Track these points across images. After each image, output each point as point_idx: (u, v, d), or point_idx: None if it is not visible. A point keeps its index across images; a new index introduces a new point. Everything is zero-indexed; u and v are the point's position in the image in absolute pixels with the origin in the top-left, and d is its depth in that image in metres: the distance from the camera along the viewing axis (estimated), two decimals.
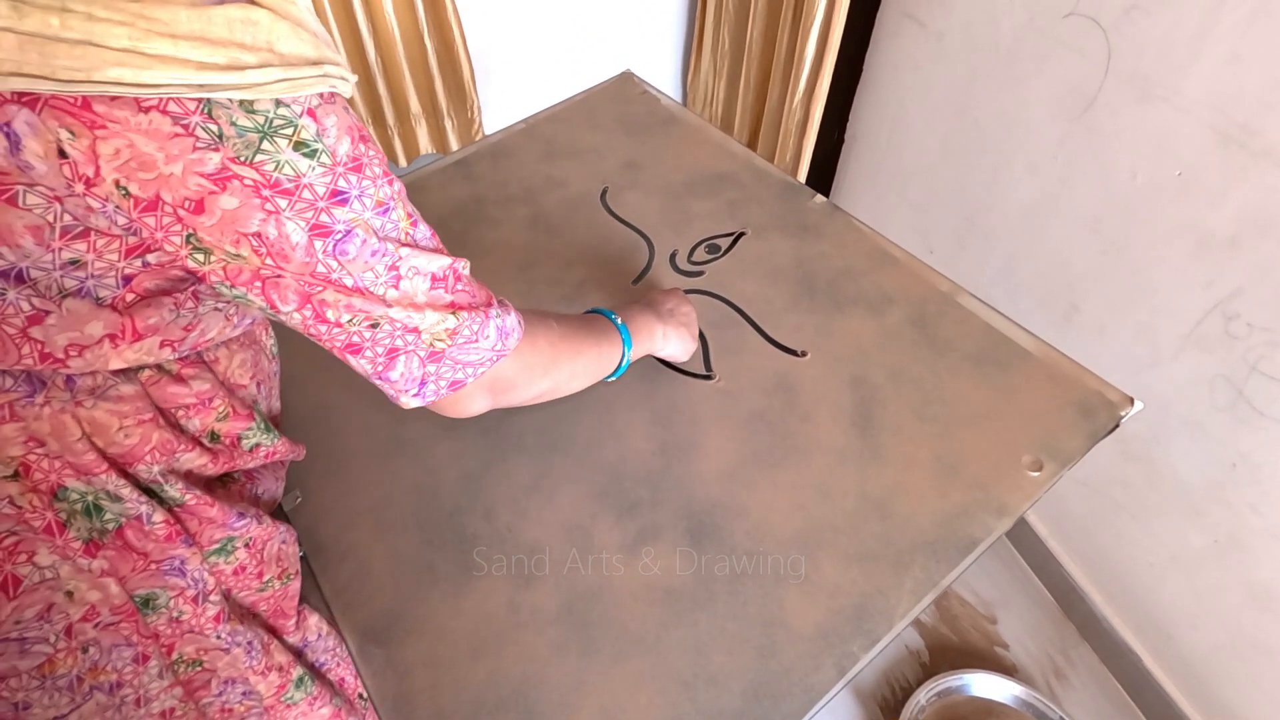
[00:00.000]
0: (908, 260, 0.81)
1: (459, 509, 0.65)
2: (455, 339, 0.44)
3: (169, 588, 0.46)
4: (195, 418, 0.47)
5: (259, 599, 0.52)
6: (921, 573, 0.59)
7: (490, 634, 0.58)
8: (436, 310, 0.43)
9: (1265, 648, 0.94)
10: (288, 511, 0.66)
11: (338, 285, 0.39)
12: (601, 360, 0.60)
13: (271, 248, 0.37)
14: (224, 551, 0.49)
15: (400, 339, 0.42)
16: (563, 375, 0.55)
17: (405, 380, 0.44)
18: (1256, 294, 0.84)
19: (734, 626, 0.57)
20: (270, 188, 0.35)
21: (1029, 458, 0.64)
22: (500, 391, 0.50)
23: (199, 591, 0.47)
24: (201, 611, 0.47)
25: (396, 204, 0.41)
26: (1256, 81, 0.79)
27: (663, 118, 1.03)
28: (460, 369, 0.46)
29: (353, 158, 0.38)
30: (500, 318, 0.47)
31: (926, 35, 1.25)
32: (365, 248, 0.39)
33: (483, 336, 0.46)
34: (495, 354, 0.47)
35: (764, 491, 0.64)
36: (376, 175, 0.39)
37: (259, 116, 0.34)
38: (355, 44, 1.63)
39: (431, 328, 0.43)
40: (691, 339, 0.70)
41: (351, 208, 0.38)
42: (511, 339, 0.48)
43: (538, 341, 0.52)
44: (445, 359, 0.44)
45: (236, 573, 0.50)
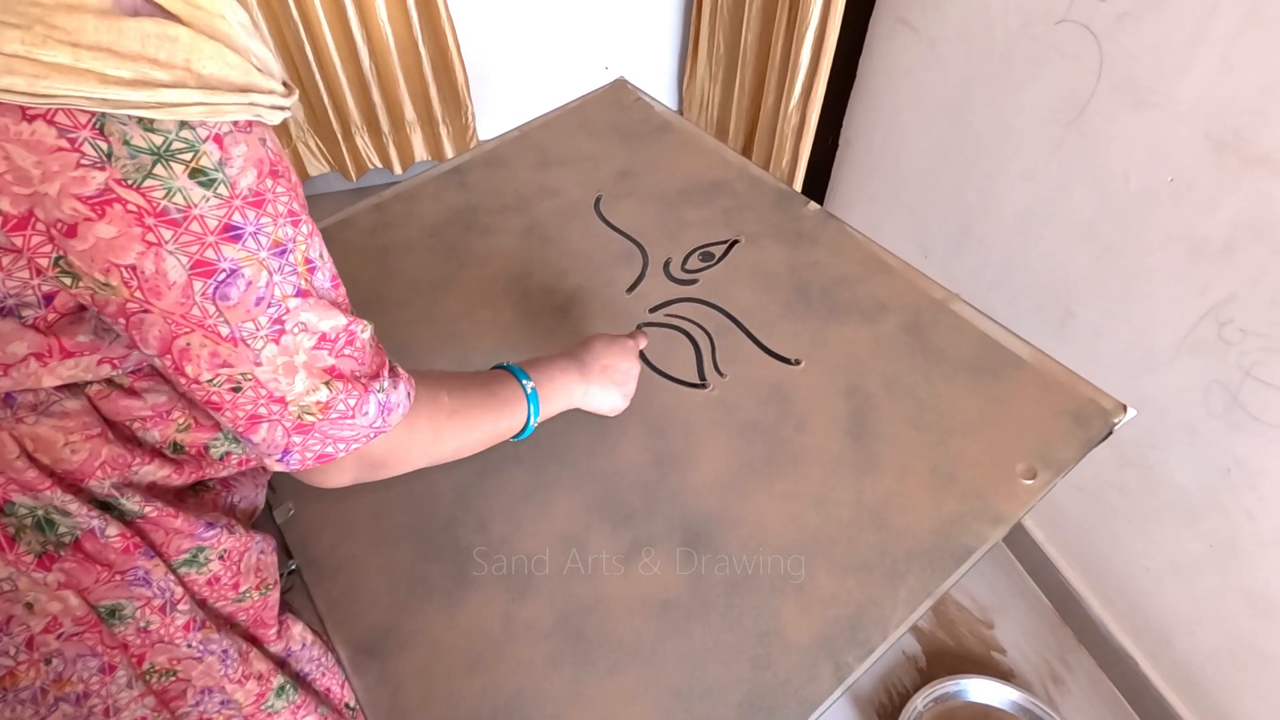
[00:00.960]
0: (902, 268, 0.81)
1: (453, 520, 0.65)
2: (328, 413, 0.41)
3: (135, 598, 0.45)
4: (154, 429, 0.47)
5: (237, 609, 0.52)
6: (916, 582, 0.59)
7: (485, 647, 0.58)
8: (311, 376, 0.39)
9: (1263, 654, 0.94)
10: (280, 524, 0.66)
11: (209, 331, 0.36)
12: (498, 430, 0.55)
13: (144, 283, 0.34)
14: (195, 562, 0.48)
15: (264, 407, 0.39)
16: (444, 452, 0.51)
17: (269, 445, 0.41)
18: (1250, 300, 0.84)
19: (729, 637, 0.57)
20: (155, 216, 0.32)
21: (1023, 466, 0.64)
22: (370, 468, 0.47)
23: (166, 600, 0.46)
24: (170, 620, 0.46)
25: (296, 247, 0.38)
26: (1249, 88, 0.79)
27: (657, 125, 1.03)
28: (331, 443, 0.42)
29: (255, 192, 0.35)
30: (385, 393, 0.43)
31: (920, 40, 1.25)
32: (250, 293, 0.36)
33: (360, 413, 0.42)
34: (374, 431, 0.43)
35: (759, 501, 0.64)
36: (279, 214, 0.36)
37: (157, 137, 0.32)
38: (350, 51, 1.63)
39: (300, 399, 0.39)
40: (622, 398, 0.65)
41: (244, 245, 0.35)
42: (394, 415, 0.44)
43: (418, 422, 0.47)
44: (314, 432, 0.41)
45: (210, 583, 0.50)
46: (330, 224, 0.92)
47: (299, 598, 0.63)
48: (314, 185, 1.93)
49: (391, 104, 1.75)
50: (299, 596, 0.63)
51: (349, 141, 1.81)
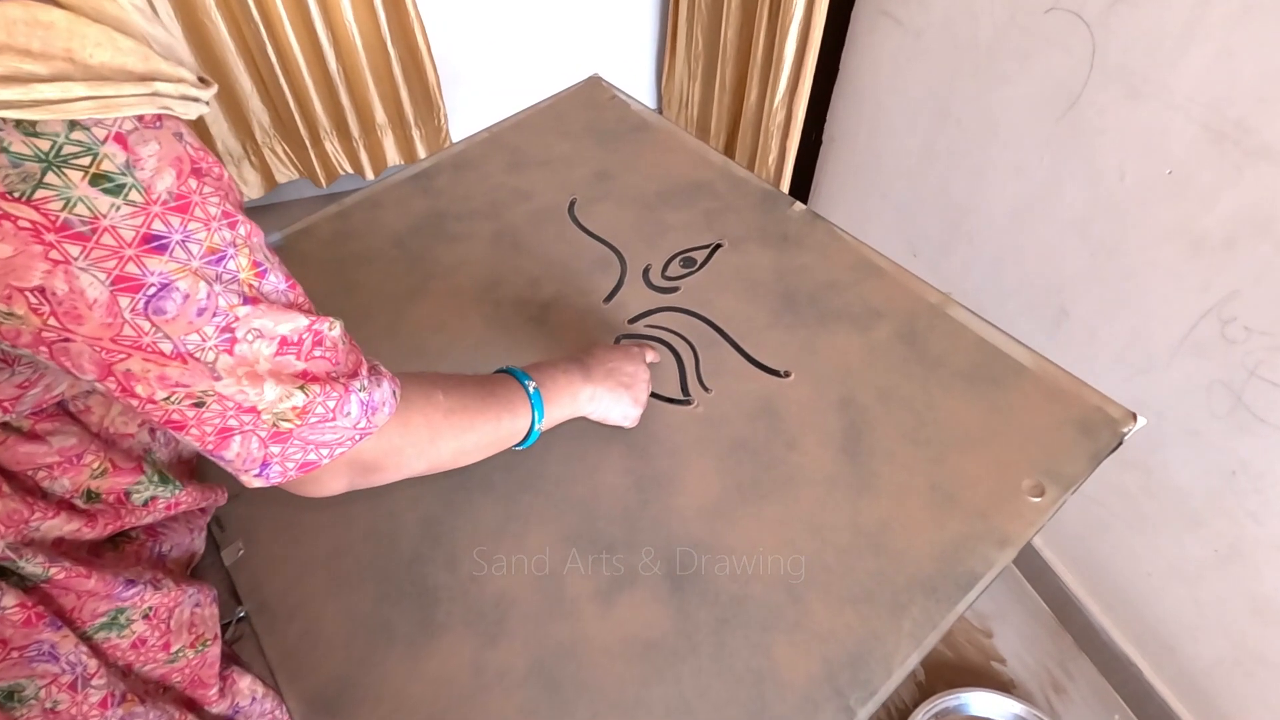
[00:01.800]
0: (894, 270, 0.77)
1: (419, 558, 0.60)
2: (306, 418, 0.37)
3: (38, 675, 0.39)
4: (63, 477, 0.42)
5: (170, 671, 0.47)
6: (920, 613, 0.55)
7: (452, 699, 0.52)
8: (281, 383, 0.36)
9: (1269, 661, 0.91)
10: (228, 566, 0.61)
11: (149, 350, 0.32)
12: (500, 434, 0.52)
13: (58, 307, 0.30)
14: (114, 625, 0.43)
15: (234, 419, 0.35)
16: (443, 456, 0.48)
17: (244, 460, 0.37)
18: (1254, 296, 0.81)
19: (720, 681, 0.52)
20: (56, 231, 0.28)
21: (1029, 482, 0.60)
22: (363, 473, 0.43)
23: (77, 676, 0.41)
24: (83, 698, 0.41)
25: (238, 251, 0.34)
26: (1250, 76, 0.75)
27: (634, 124, 0.98)
28: (314, 450, 0.39)
29: (177, 195, 0.31)
30: (366, 391, 0.40)
31: (904, 33, 1.21)
32: (190, 305, 0.32)
33: (341, 414, 0.38)
34: (359, 432, 0.40)
35: (749, 528, 0.59)
36: (210, 216, 0.32)
37: (43, 142, 0.27)
38: (315, 53, 1.57)
39: (273, 406, 0.36)
40: (633, 403, 0.61)
41: (173, 255, 0.31)
42: (380, 414, 0.41)
43: (412, 420, 0.44)
44: (293, 439, 0.37)
45: (135, 646, 0.44)
46: (288, 234, 0.87)
47: (248, 648, 0.58)
48: (283, 192, 1.86)
49: (361, 107, 1.69)
50: (248, 646, 0.58)
51: (318, 147, 1.74)
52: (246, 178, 1.76)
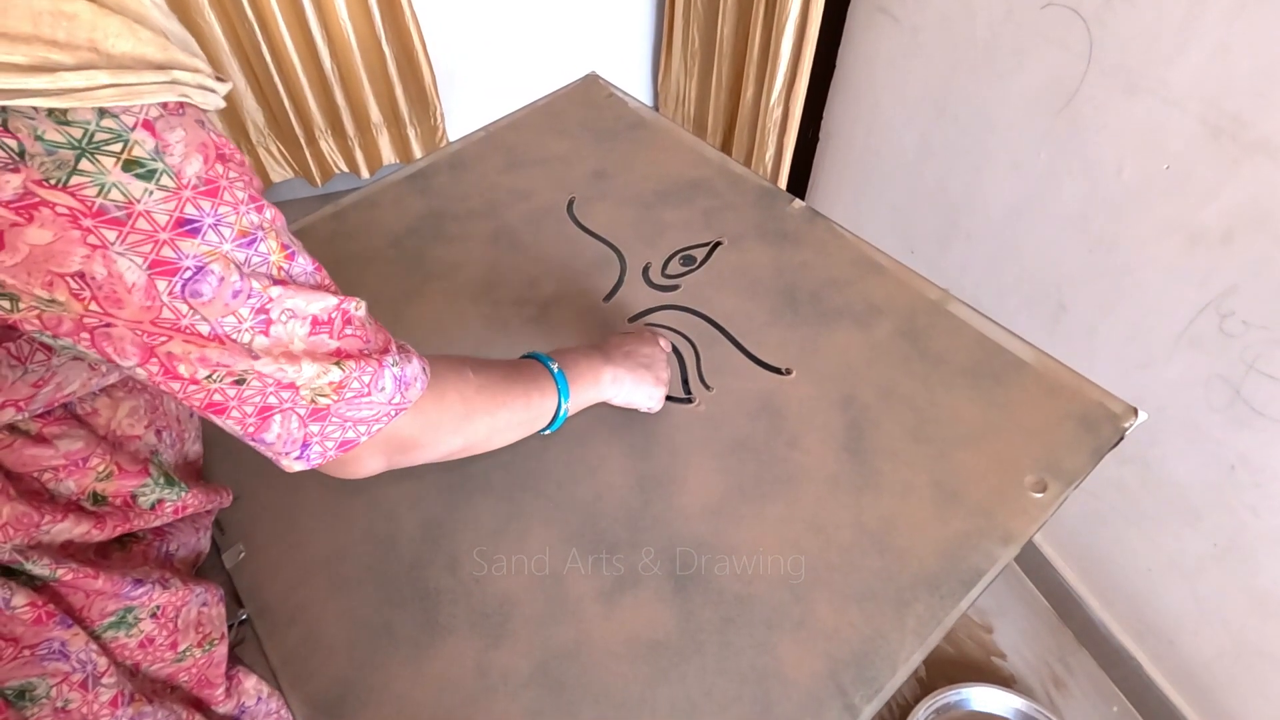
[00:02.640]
0: (894, 267, 0.76)
1: (420, 561, 0.59)
2: (343, 393, 0.38)
3: (49, 674, 0.39)
4: (68, 480, 0.41)
5: (177, 670, 0.46)
6: (925, 610, 0.55)
7: (456, 702, 0.52)
8: (317, 361, 0.36)
9: (1269, 654, 0.91)
10: (229, 569, 0.60)
11: (188, 333, 0.32)
12: (530, 414, 0.52)
13: (98, 291, 0.30)
14: (123, 625, 0.43)
15: (274, 396, 0.36)
16: (478, 433, 0.48)
17: (284, 442, 0.37)
18: (1252, 290, 0.81)
19: (725, 680, 0.52)
20: (93, 216, 0.29)
21: (1032, 478, 0.60)
22: (400, 451, 0.43)
23: (88, 675, 0.40)
24: (94, 697, 0.40)
25: (267, 234, 0.35)
26: (1247, 71, 0.75)
27: (631, 122, 0.98)
28: (351, 427, 0.39)
29: (206, 180, 0.31)
30: (399, 365, 0.41)
31: (901, 29, 1.21)
32: (225, 287, 0.33)
33: (376, 389, 0.39)
34: (394, 408, 0.41)
35: (752, 527, 0.59)
36: (239, 200, 0.33)
37: (75, 129, 0.28)
38: (310, 52, 1.56)
39: (311, 382, 0.36)
40: (656, 382, 0.62)
41: (205, 239, 0.32)
42: (413, 390, 0.42)
43: (446, 394, 0.45)
44: (332, 417, 0.38)
45: (143, 646, 0.44)
46: None
47: (250, 650, 0.57)
48: (277, 192, 1.85)
49: (356, 106, 1.68)
50: (250, 649, 0.57)
51: (313, 146, 1.74)
52: None
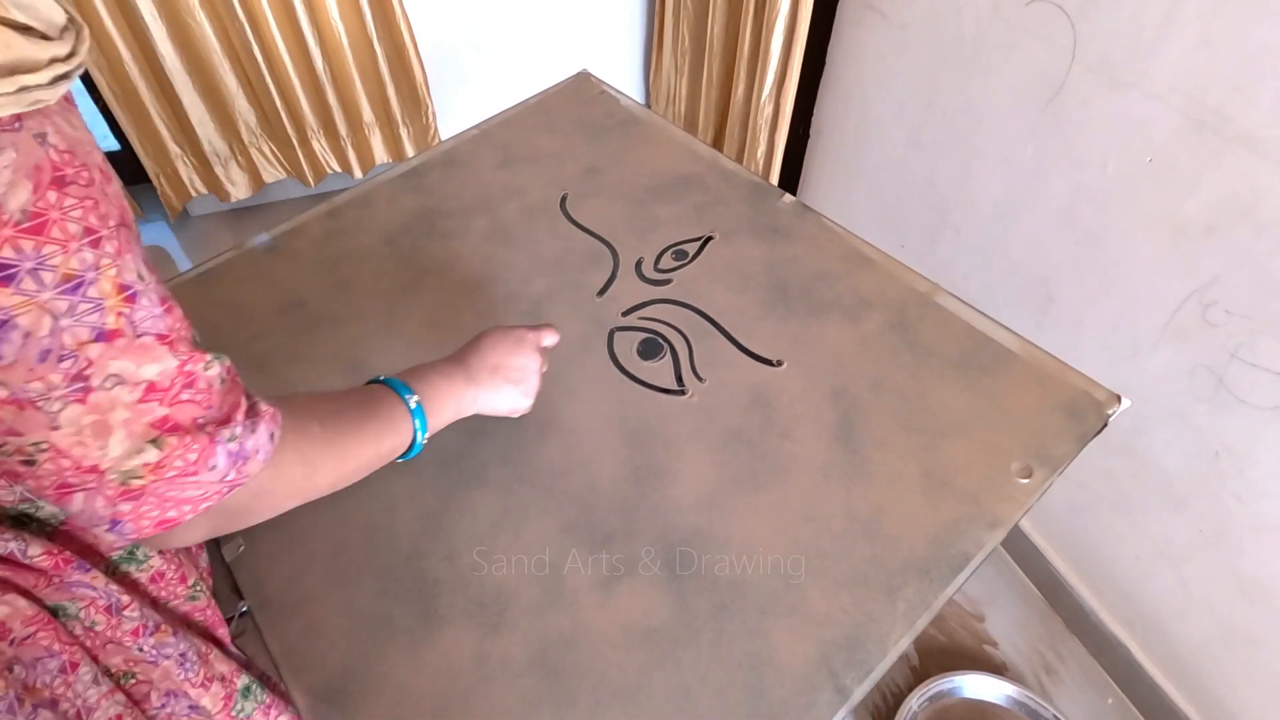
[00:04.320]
0: (884, 261, 0.78)
1: (418, 552, 0.60)
2: (161, 473, 0.33)
3: (78, 599, 0.40)
4: None
5: (191, 609, 0.48)
6: (914, 595, 0.56)
7: (456, 691, 0.53)
8: (132, 436, 0.31)
9: (1255, 639, 0.93)
10: (229, 562, 0.61)
11: None
12: (381, 453, 0.49)
13: None
14: (132, 560, 0.44)
15: (75, 477, 0.31)
16: (320, 486, 0.45)
17: (89, 517, 0.33)
18: (1234, 280, 0.83)
19: (720, 666, 0.53)
20: None
21: (1018, 465, 0.62)
22: (228, 519, 0.39)
23: (111, 603, 0.41)
24: (117, 624, 0.41)
25: (100, 275, 0.29)
26: (1227, 65, 0.77)
27: (623, 119, 0.98)
28: (173, 506, 0.34)
29: (31, 214, 0.26)
30: (238, 440, 0.35)
31: (889, 26, 1.22)
32: (31, 347, 0.27)
33: (205, 468, 0.34)
34: (227, 485, 0.36)
35: (745, 517, 0.60)
36: (70, 236, 0.28)
37: None
38: (301, 52, 1.56)
39: (120, 465, 0.31)
40: (523, 395, 0.59)
41: (19, 287, 0.26)
42: (253, 463, 0.37)
43: (285, 459, 0.40)
44: (148, 497, 0.33)
45: (155, 580, 0.45)
46: (278, 233, 0.87)
47: (251, 642, 0.58)
48: (270, 192, 1.85)
49: (348, 105, 1.68)
50: (252, 641, 0.58)
51: (305, 146, 1.73)
52: (234, 178, 1.75)
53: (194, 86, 1.58)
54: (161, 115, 1.61)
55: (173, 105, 1.60)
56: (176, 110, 1.61)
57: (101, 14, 1.42)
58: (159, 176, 1.69)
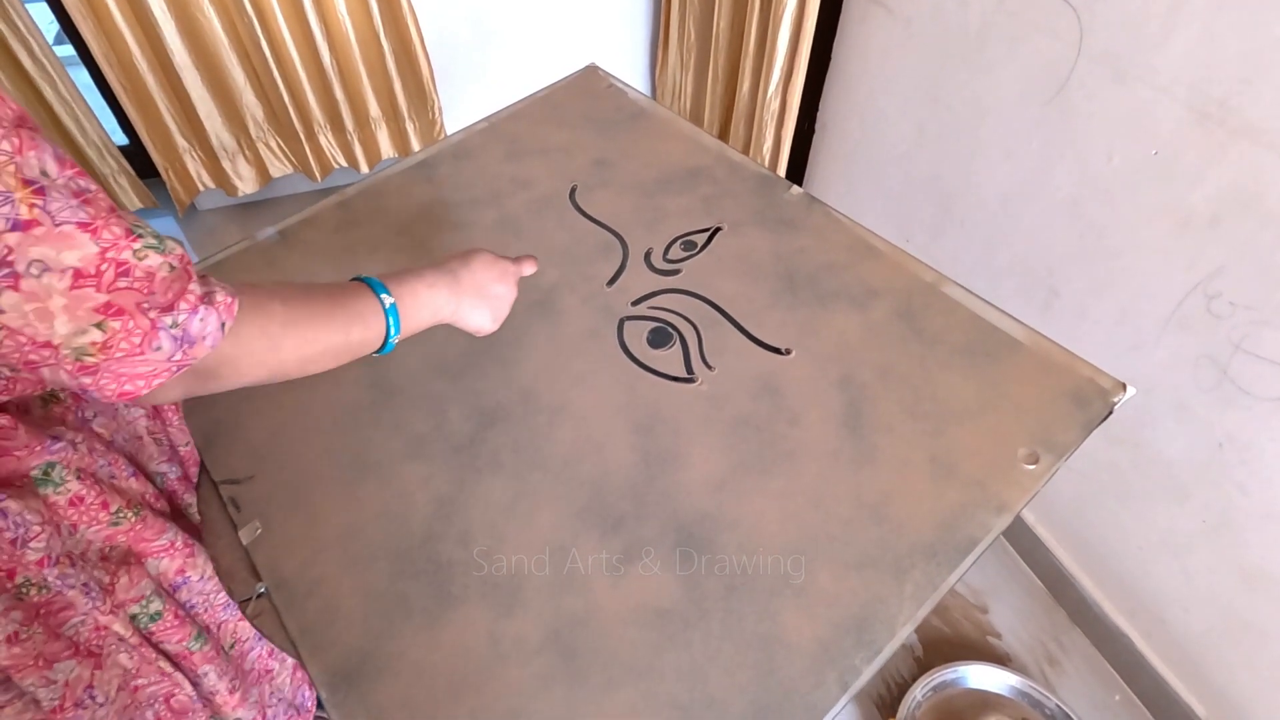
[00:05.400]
0: (890, 251, 0.78)
1: (431, 535, 0.61)
2: (110, 353, 0.35)
3: None
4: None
5: (114, 532, 0.49)
6: (922, 577, 0.56)
7: (470, 669, 0.54)
8: (75, 320, 0.33)
9: (1257, 628, 0.94)
10: (247, 545, 0.62)
11: None
12: (349, 345, 0.50)
13: None
14: (49, 482, 0.45)
15: (34, 353, 0.33)
16: (288, 363, 0.46)
17: (60, 385, 0.38)
18: (1238, 272, 0.83)
19: (730, 645, 0.54)
20: None
21: (1024, 451, 0.62)
22: (198, 382, 0.42)
23: (18, 536, 0.43)
24: (21, 554, 0.43)
25: (1, 171, 0.31)
26: (1232, 57, 0.77)
27: (631, 112, 0.99)
28: (129, 380, 0.37)
29: None
30: (180, 326, 0.37)
31: (895, 21, 1.23)
32: None
33: (151, 348, 0.36)
34: (175, 365, 0.38)
35: (754, 501, 0.61)
36: None
37: None
38: (309, 47, 1.57)
39: (70, 341, 0.34)
40: (493, 320, 0.61)
41: None
42: (199, 347, 0.39)
43: (244, 332, 0.42)
44: (103, 372, 0.36)
45: (74, 504, 0.46)
46: (292, 223, 0.88)
47: (270, 622, 0.59)
48: (277, 187, 1.86)
49: (355, 100, 1.69)
50: (270, 621, 0.59)
51: (312, 141, 1.74)
52: (241, 173, 1.76)
53: (202, 81, 1.59)
54: (170, 109, 1.62)
55: (181, 100, 1.61)
56: (185, 105, 1.62)
57: (111, 9, 1.43)
58: (167, 170, 1.70)
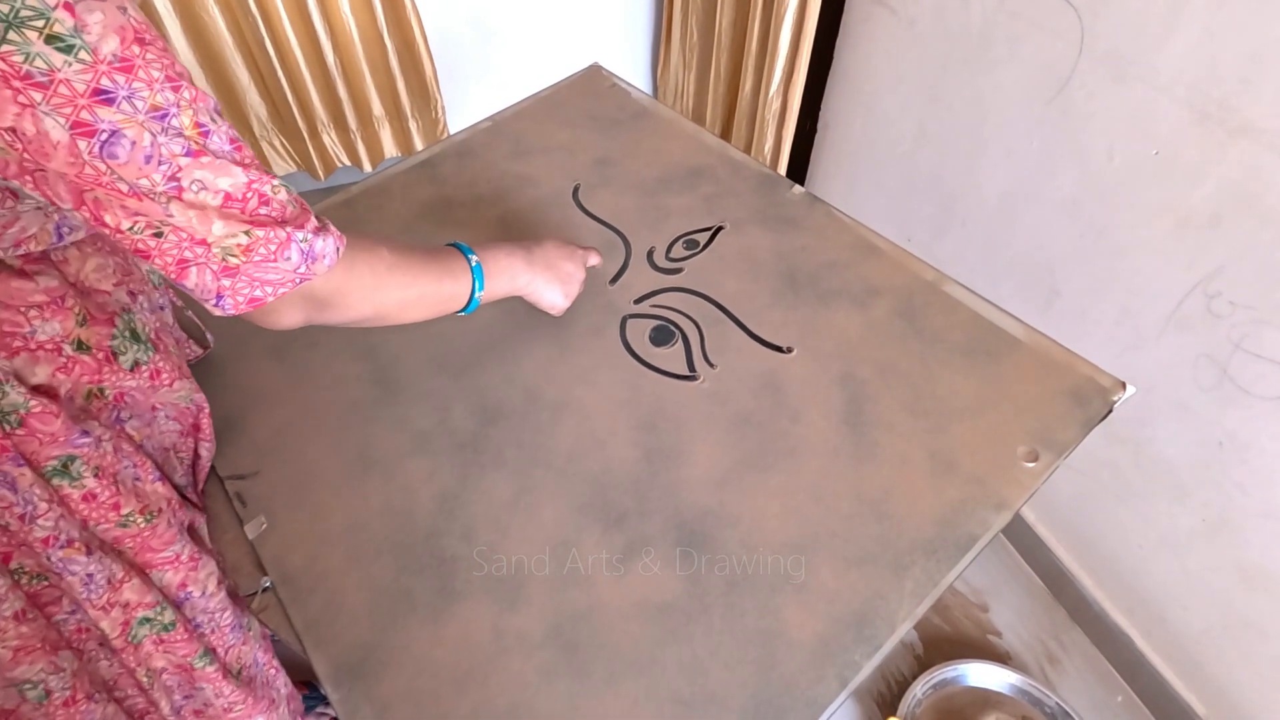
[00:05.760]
0: (891, 250, 0.79)
1: (435, 531, 0.61)
2: (250, 256, 0.41)
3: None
4: (53, 320, 0.46)
5: (122, 535, 0.51)
6: (921, 574, 0.57)
7: (474, 663, 0.54)
8: (229, 224, 0.40)
9: (1257, 626, 0.94)
10: (252, 539, 0.62)
11: (110, 189, 0.37)
12: (441, 294, 0.57)
13: (29, 144, 0.35)
14: (66, 474, 0.47)
15: (189, 250, 0.40)
16: (389, 302, 0.53)
17: (202, 290, 0.42)
18: (1238, 271, 0.83)
19: (731, 640, 0.55)
20: (21, 80, 0.33)
21: (1024, 449, 0.63)
22: (315, 310, 0.48)
23: (27, 512, 0.45)
24: (29, 530, 0.46)
25: (181, 111, 0.38)
26: (1232, 57, 0.78)
27: (634, 111, 1.00)
28: (260, 286, 0.43)
29: (121, 57, 0.35)
30: (308, 241, 0.44)
31: (897, 21, 1.23)
32: (137, 152, 0.36)
33: (282, 258, 0.43)
34: (299, 276, 0.44)
35: (756, 497, 0.61)
36: (154, 79, 0.37)
37: (3, 5, 0.32)
38: (313, 46, 1.57)
39: (222, 240, 0.40)
40: (564, 297, 0.69)
41: (120, 108, 0.36)
42: (320, 264, 0.45)
43: (355, 265, 0.49)
44: (240, 274, 0.42)
45: (86, 500, 0.48)
46: None
47: (275, 616, 0.60)
48: None
49: (358, 99, 1.70)
50: (275, 616, 0.60)
51: (315, 140, 1.75)
52: None
53: (206, 80, 1.60)
54: None
55: None
56: None
57: None
58: None
